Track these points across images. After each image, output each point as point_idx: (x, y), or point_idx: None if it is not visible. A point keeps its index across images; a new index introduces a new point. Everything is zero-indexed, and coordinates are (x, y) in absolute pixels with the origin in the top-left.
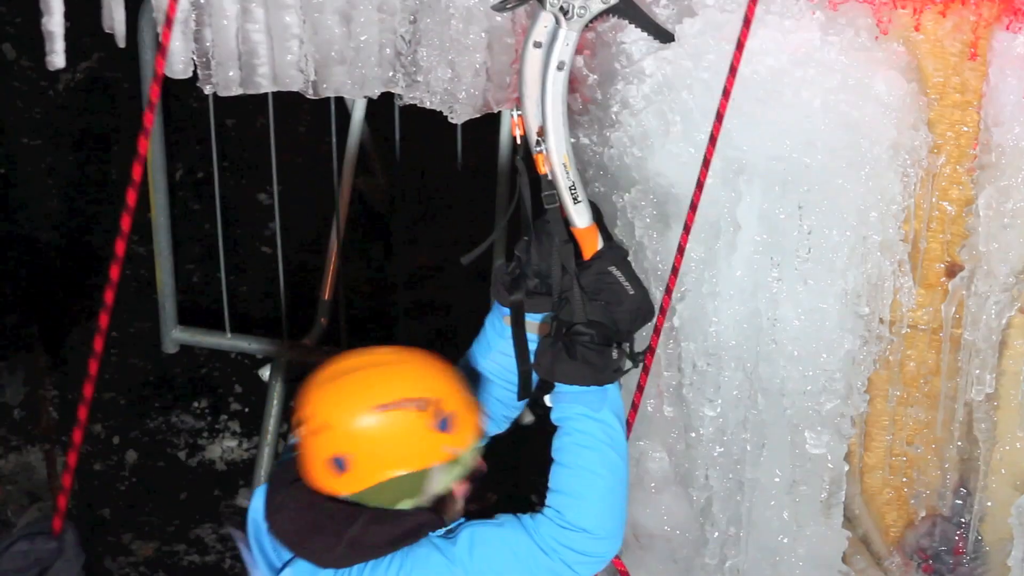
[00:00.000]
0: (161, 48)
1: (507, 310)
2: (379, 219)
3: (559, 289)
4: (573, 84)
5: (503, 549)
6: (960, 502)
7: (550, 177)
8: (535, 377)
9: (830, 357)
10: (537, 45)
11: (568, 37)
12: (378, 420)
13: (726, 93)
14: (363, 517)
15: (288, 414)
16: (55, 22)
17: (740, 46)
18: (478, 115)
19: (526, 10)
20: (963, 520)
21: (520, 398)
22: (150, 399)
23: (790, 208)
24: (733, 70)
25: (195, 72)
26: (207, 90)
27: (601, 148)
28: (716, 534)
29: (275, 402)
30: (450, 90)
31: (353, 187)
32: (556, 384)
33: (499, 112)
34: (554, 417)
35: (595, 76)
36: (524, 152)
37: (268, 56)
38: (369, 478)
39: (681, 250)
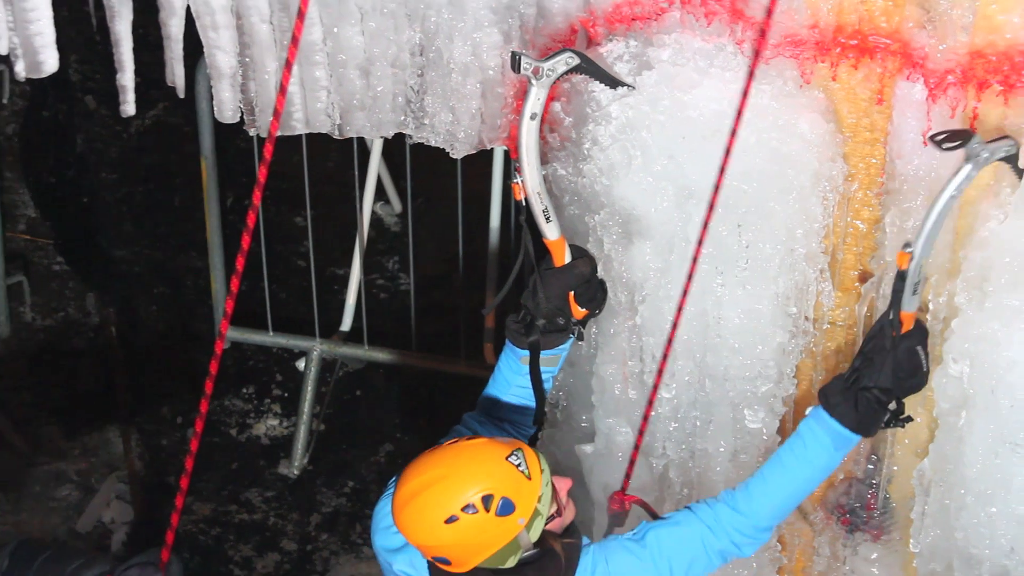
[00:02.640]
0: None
1: (523, 351)
2: (394, 237)
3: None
4: (553, 126)
5: (682, 542)
6: (872, 466)
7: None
8: None
9: (764, 348)
10: (533, 117)
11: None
12: (449, 531)
13: (732, 132)
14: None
15: (320, 398)
16: (127, 77)
17: (739, 113)
18: (474, 151)
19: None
20: (874, 481)
21: (535, 423)
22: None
23: (731, 226)
24: (734, 132)
25: (242, 118)
26: (252, 132)
27: (575, 178)
28: (673, 495)
29: (309, 388)
30: (451, 131)
31: (372, 211)
32: (820, 407)
33: (492, 148)
34: (802, 428)
35: (570, 119)
36: (527, 214)
37: (301, 104)
38: (469, 564)
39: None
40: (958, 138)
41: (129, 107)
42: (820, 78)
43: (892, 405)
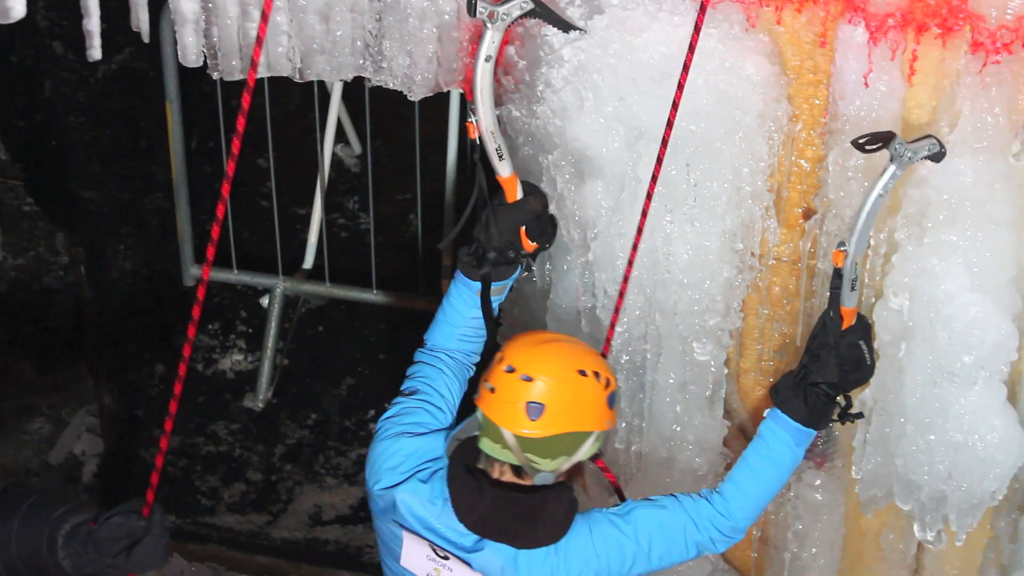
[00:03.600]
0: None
1: (476, 283)
2: (354, 177)
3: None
4: (507, 69)
5: (665, 526)
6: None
7: (479, 142)
8: None
9: (712, 283)
10: (488, 59)
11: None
12: (576, 382)
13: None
14: (548, 500)
15: (284, 334)
16: (93, 23)
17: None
18: (431, 94)
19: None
20: None
21: (487, 351)
22: (174, 323)
23: (679, 165)
24: (686, 67)
25: (205, 62)
26: (215, 76)
27: (529, 119)
28: (623, 425)
29: (273, 324)
30: (408, 74)
31: (333, 152)
32: (776, 408)
33: (448, 91)
34: (762, 429)
35: (524, 62)
36: (481, 152)
37: (263, 48)
38: (552, 428)
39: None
40: (879, 140)
41: (96, 52)
42: (765, 21)
43: (840, 400)
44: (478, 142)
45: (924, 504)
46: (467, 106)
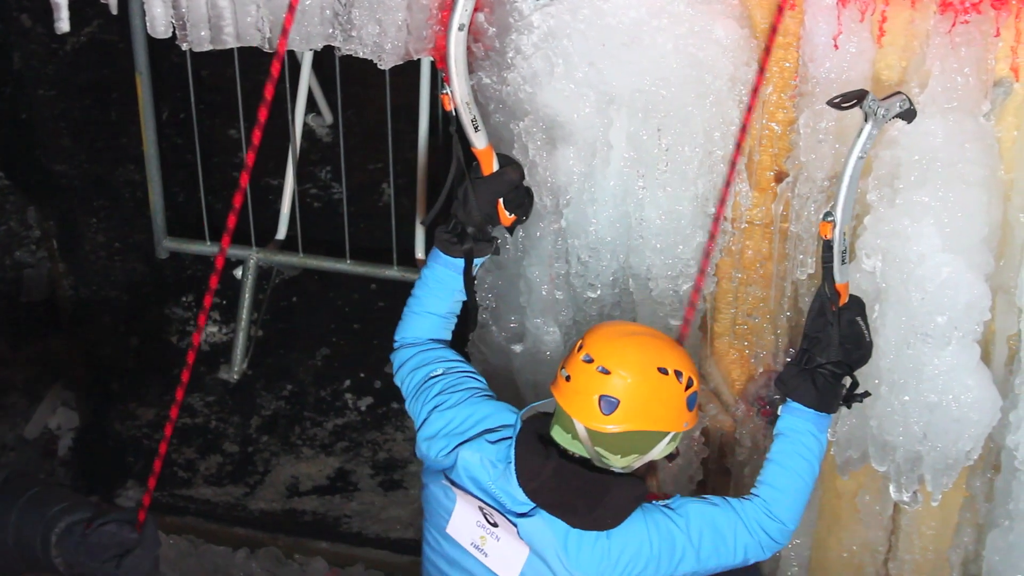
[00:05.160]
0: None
1: (456, 261)
2: (326, 147)
3: (811, 330)
4: (477, 36)
5: (717, 523)
6: (790, 360)
7: (455, 113)
8: None
9: (685, 248)
10: (461, 28)
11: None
12: (654, 380)
13: (762, 68)
14: (614, 484)
15: (258, 305)
16: None
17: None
18: (401, 62)
19: None
20: None
21: (473, 326)
22: (147, 295)
23: (651, 130)
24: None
25: (174, 33)
26: (184, 47)
27: (500, 86)
28: None
29: (247, 295)
30: (378, 43)
31: (304, 123)
32: (789, 401)
33: (419, 59)
34: (780, 427)
35: (494, 29)
36: (456, 124)
37: (232, 18)
38: (624, 423)
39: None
40: (853, 97)
41: (63, 24)
42: None
43: (847, 380)
44: (454, 114)
45: (899, 465)
46: (439, 75)
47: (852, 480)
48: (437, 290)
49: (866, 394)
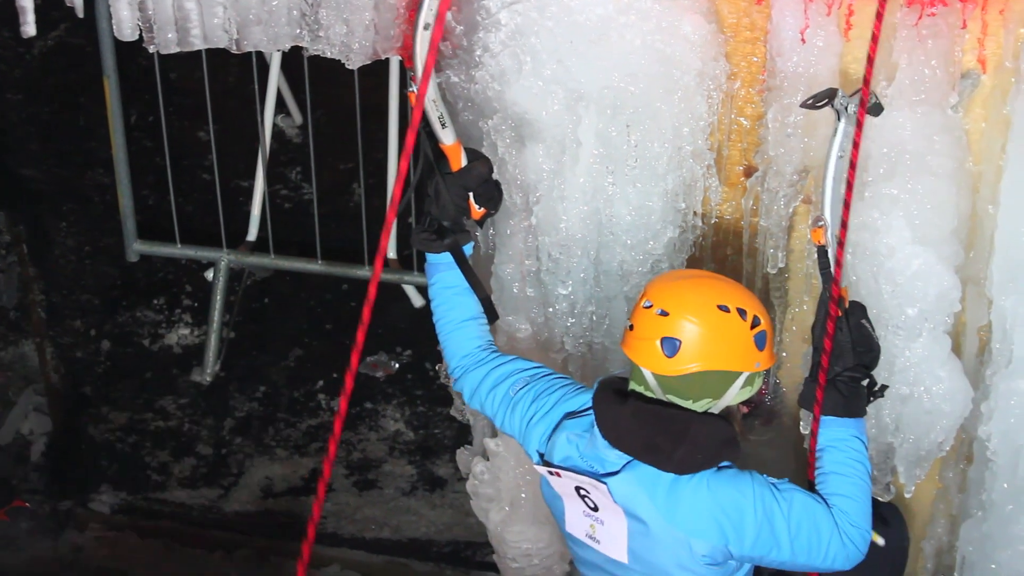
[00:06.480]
0: None
1: (446, 258)
2: (296, 148)
3: (820, 340)
4: (444, 34)
5: (817, 522)
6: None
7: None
8: None
9: (656, 244)
10: (427, 27)
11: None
12: (715, 317)
13: (866, 81)
14: (695, 421)
15: (229, 307)
16: None
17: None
18: (369, 62)
19: None
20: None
21: (490, 320)
22: (119, 299)
23: (620, 127)
24: (866, 81)
25: (141, 35)
26: (151, 49)
27: (468, 84)
28: None
29: (218, 297)
30: (346, 42)
31: (273, 124)
32: (824, 418)
33: (387, 59)
34: (822, 442)
35: (461, 27)
36: (424, 121)
37: (199, 20)
38: (689, 363)
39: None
40: (823, 97)
41: (30, 28)
42: None
43: (865, 381)
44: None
45: (872, 456)
46: (407, 73)
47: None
48: (452, 298)
49: (885, 387)
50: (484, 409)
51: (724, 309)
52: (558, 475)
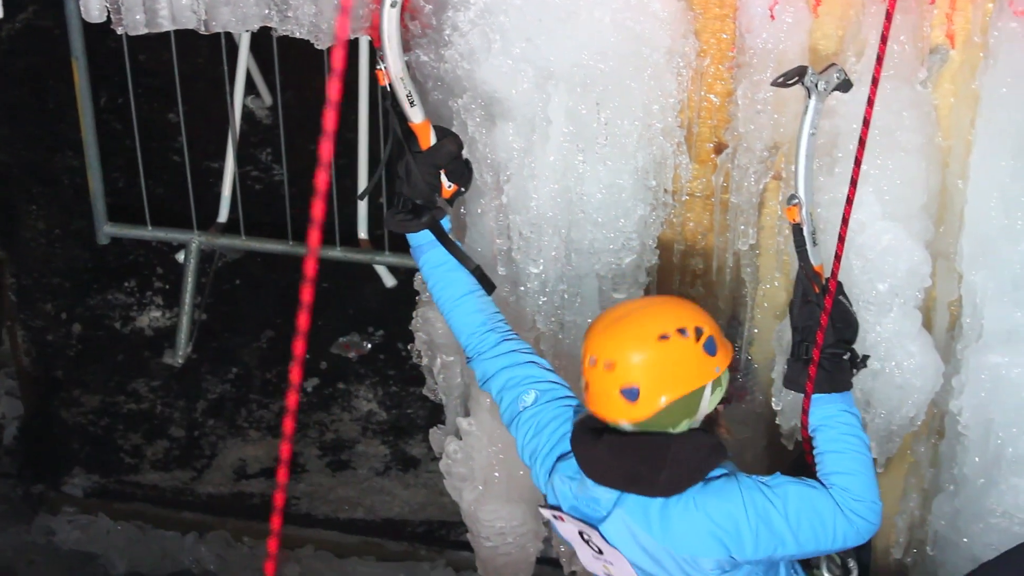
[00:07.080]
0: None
1: (427, 236)
2: (266, 129)
3: (800, 320)
4: (413, 14)
5: (817, 507)
6: (733, 330)
7: (390, 89)
8: None
9: (627, 222)
10: (393, 5)
11: None
12: (661, 350)
13: (874, 81)
14: (673, 442)
15: (201, 289)
16: None
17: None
18: None
19: None
20: (737, 344)
21: (487, 291)
22: (90, 282)
23: (589, 105)
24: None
25: (109, 17)
26: (119, 31)
27: (438, 63)
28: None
29: (189, 279)
30: (315, 22)
31: (243, 105)
32: (814, 397)
33: (356, 39)
34: (814, 421)
35: (430, 6)
36: (392, 99)
37: (167, 1)
38: (656, 403)
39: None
40: (794, 75)
41: None
42: None
43: (847, 355)
44: (388, 89)
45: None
46: (377, 53)
47: (798, 449)
48: (444, 275)
49: (867, 357)
50: (495, 399)
51: (665, 337)
52: (562, 519)
